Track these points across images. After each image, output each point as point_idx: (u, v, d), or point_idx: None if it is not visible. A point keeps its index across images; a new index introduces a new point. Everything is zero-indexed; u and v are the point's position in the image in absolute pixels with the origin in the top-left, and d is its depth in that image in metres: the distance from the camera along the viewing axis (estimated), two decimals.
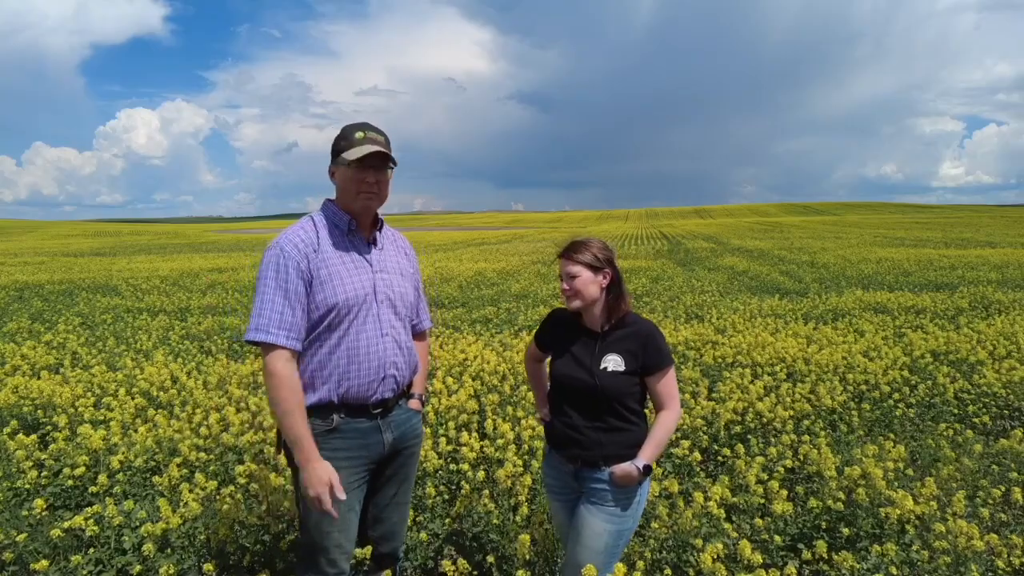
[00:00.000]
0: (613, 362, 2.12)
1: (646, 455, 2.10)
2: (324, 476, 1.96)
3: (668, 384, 2.15)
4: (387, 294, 2.15)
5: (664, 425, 2.13)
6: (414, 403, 2.30)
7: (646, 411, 2.25)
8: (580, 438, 2.16)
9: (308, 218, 2.15)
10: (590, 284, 2.13)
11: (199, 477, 3.01)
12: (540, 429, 3.56)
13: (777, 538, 2.82)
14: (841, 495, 3.02)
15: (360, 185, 2.05)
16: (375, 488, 2.27)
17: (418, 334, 2.41)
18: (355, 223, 2.13)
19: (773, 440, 3.94)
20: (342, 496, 1.99)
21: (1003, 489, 3.14)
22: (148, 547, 2.58)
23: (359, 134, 2.04)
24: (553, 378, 2.27)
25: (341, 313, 2.04)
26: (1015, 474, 3.39)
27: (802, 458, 3.61)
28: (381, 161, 2.05)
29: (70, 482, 3.34)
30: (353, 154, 2.01)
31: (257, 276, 2.05)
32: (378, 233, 2.20)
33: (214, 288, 13.62)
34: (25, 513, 2.95)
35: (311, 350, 2.05)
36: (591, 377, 2.13)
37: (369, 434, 2.12)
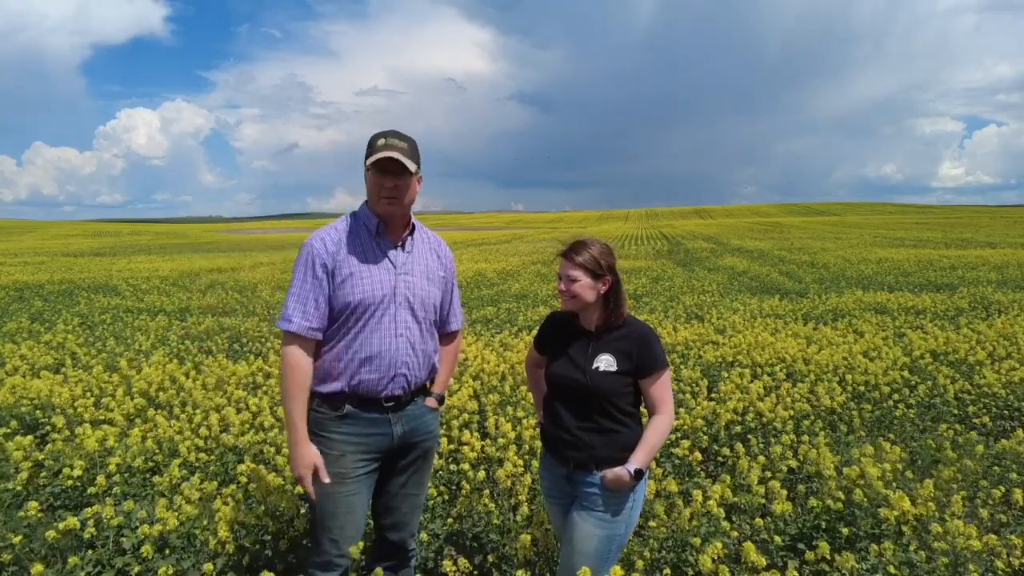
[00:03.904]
0: (605, 362, 2.12)
1: (638, 459, 2.07)
2: (308, 460, 2.12)
3: (661, 388, 2.13)
4: (407, 296, 2.23)
5: (657, 429, 2.11)
6: (430, 401, 2.38)
7: (642, 414, 2.23)
8: (572, 439, 2.15)
9: (344, 218, 2.27)
10: (588, 289, 2.12)
11: (198, 478, 3.01)
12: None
13: (777, 538, 2.81)
14: (841, 495, 3.02)
15: (379, 189, 2.15)
16: (386, 478, 2.36)
17: (445, 335, 2.48)
18: (383, 226, 2.23)
19: (773, 440, 3.94)
20: (325, 479, 2.13)
21: (1003, 490, 3.14)
22: (147, 548, 2.58)
23: (381, 141, 2.13)
24: (548, 378, 2.26)
25: (358, 312, 2.15)
26: (1015, 475, 3.38)
27: (802, 458, 3.61)
28: (398, 167, 2.12)
29: (69, 483, 3.33)
30: (370, 160, 2.12)
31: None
32: (409, 236, 2.29)
33: (214, 288, 13.62)
34: (22, 514, 2.95)
35: (330, 343, 2.18)
36: (583, 376, 2.12)
37: (379, 424, 2.22)
